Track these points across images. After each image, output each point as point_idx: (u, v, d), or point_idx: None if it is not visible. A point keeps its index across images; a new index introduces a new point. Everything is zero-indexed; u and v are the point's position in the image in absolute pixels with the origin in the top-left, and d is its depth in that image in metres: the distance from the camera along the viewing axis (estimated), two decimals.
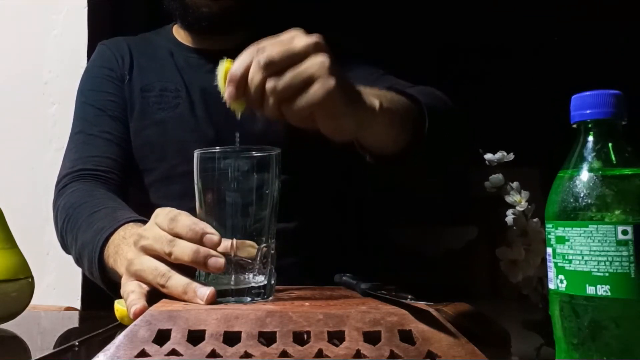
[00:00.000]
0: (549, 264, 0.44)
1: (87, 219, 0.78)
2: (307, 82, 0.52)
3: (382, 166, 0.70)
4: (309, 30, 0.55)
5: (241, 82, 0.53)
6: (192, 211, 0.54)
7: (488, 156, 0.71)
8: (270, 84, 0.52)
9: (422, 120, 0.68)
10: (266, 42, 0.54)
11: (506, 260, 0.65)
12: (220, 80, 0.55)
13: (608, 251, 0.40)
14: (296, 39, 0.54)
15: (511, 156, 0.71)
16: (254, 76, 0.52)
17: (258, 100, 0.53)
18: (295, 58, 0.52)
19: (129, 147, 0.95)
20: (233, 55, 0.54)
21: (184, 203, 0.58)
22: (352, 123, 0.57)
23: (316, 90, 0.52)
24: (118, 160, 0.93)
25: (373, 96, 0.61)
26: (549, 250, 0.43)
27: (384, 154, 0.68)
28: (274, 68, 0.52)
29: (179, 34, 1.03)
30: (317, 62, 0.52)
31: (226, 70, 0.54)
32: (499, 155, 0.71)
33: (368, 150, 0.68)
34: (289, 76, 0.52)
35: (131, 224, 0.71)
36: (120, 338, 0.44)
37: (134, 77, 0.98)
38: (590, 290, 0.40)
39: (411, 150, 0.67)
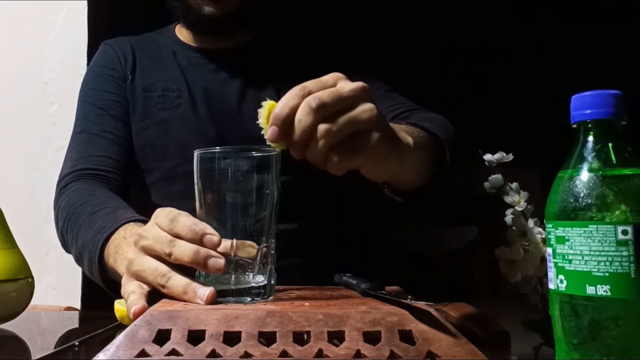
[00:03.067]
0: (549, 264, 0.44)
1: (87, 218, 0.78)
2: (359, 129, 0.51)
3: (400, 201, 0.70)
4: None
5: (285, 124, 0.50)
6: (193, 211, 0.54)
7: (487, 157, 0.71)
8: (323, 127, 0.50)
9: (440, 156, 0.68)
10: (310, 84, 0.52)
11: (505, 260, 0.65)
12: (263, 120, 0.53)
13: (608, 251, 0.40)
14: (341, 82, 0.52)
15: (510, 157, 0.71)
16: (303, 118, 0.50)
17: (303, 142, 0.51)
18: (344, 103, 0.51)
19: (130, 146, 0.95)
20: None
21: (185, 203, 0.58)
22: (395, 165, 0.57)
23: (368, 140, 0.51)
24: (119, 160, 0.93)
25: (405, 133, 0.60)
26: (549, 250, 0.43)
27: (404, 188, 0.67)
28: (325, 112, 0.50)
29: (182, 33, 1.03)
30: (367, 110, 0.51)
31: (269, 110, 0.52)
32: (498, 155, 0.71)
33: (389, 184, 0.67)
34: (343, 121, 0.50)
35: (132, 223, 0.71)
36: (120, 338, 0.44)
37: (136, 76, 0.98)
38: (590, 290, 0.40)
39: (430, 185, 0.67)
